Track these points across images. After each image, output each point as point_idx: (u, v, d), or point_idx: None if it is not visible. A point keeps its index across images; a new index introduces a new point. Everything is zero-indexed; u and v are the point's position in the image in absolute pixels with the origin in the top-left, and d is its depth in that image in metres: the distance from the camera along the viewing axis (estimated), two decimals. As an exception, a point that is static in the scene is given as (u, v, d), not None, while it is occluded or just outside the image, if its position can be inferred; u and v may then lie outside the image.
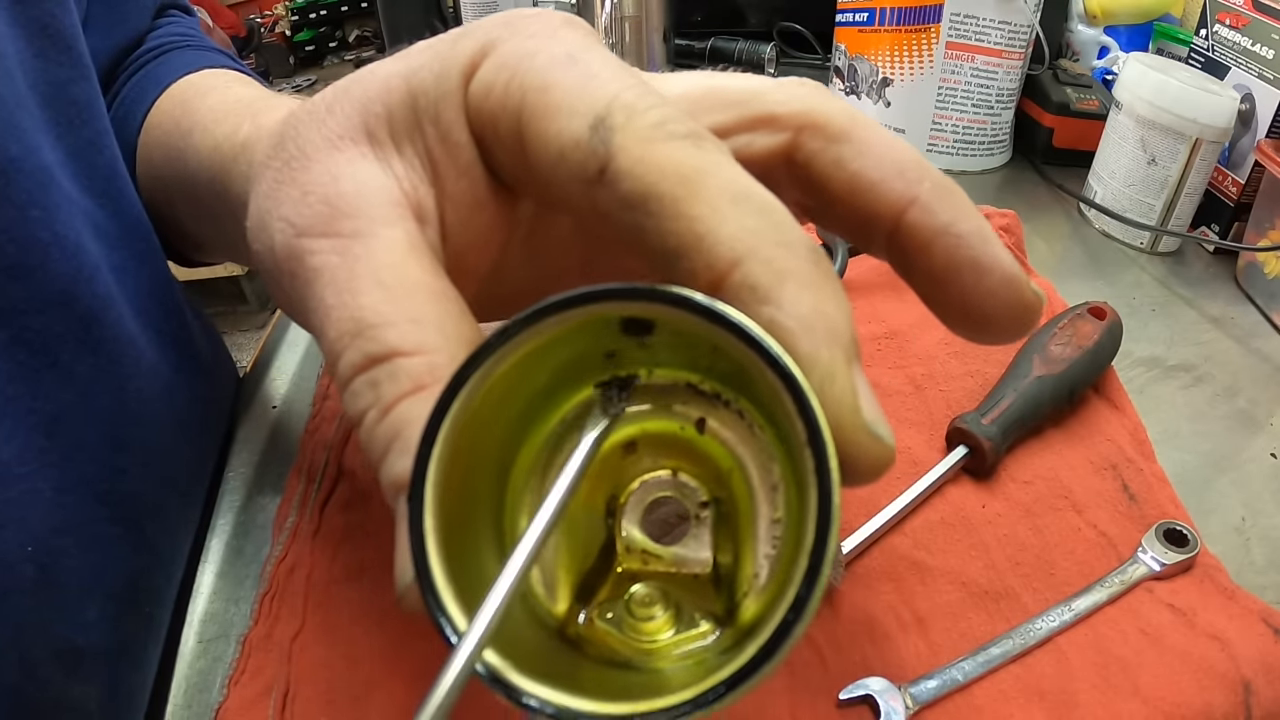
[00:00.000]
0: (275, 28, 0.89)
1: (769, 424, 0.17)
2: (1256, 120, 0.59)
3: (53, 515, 0.29)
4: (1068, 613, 0.33)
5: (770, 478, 0.17)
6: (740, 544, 0.17)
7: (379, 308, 0.18)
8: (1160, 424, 0.45)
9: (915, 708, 0.30)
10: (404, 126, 0.20)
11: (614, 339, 0.16)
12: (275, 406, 0.44)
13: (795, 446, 0.14)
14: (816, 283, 0.15)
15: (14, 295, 0.27)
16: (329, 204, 0.19)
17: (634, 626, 0.17)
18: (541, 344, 0.16)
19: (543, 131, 0.17)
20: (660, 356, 0.17)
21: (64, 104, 0.32)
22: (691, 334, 0.15)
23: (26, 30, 0.31)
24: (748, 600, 0.17)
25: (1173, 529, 0.36)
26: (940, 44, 0.68)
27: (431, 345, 0.18)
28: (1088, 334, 0.43)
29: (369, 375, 0.18)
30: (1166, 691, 0.31)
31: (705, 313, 0.14)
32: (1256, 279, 0.58)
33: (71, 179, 0.32)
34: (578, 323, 0.15)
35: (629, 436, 0.18)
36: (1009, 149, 0.75)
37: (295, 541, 0.36)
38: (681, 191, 0.15)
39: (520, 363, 0.16)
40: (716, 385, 0.17)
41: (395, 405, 0.17)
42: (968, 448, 0.39)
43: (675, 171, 0.15)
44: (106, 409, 0.31)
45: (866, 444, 0.14)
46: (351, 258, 0.19)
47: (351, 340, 0.18)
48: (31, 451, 0.28)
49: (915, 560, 0.36)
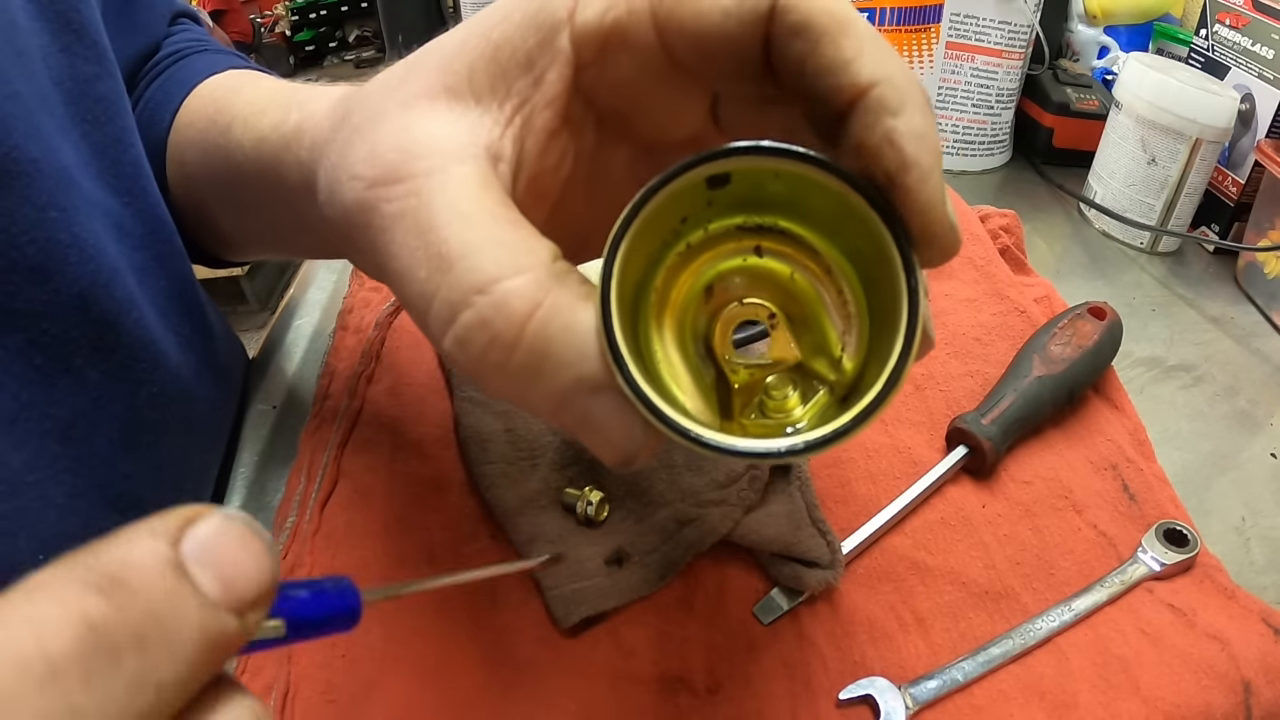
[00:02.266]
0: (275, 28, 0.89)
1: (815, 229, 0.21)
2: (1256, 120, 0.59)
3: (64, 522, 0.29)
4: (1068, 613, 0.33)
5: (824, 265, 0.21)
6: (819, 325, 0.22)
7: (464, 237, 0.18)
8: (1160, 424, 0.45)
9: (915, 708, 0.30)
10: (486, 78, 0.21)
11: (699, 196, 0.20)
12: (275, 406, 0.44)
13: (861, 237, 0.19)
14: (925, 110, 0.18)
15: (32, 298, 0.27)
16: (401, 151, 0.20)
17: (776, 408, 0.22)
18: (660, 202, 0.19)
19: (701, 4, 0.19)
20: (719, 212, 0.21)
21: (89, 101, 0.32)
22: (756, 177, 0.20)
23: (52, 25, 0.31)
24: (844, 362, 0.21)
25: (1173, 529, 0.36)
26: (940, 44, 0.68)
27: (527, 263, 0.18)
28: (1088, 334, 0.43)
29: (475, 313, 0.18)
30: (1166, 691, 0.31)
31: (786, 153, 0.19)
32: (1256, 279, 0.58)
33: (95, 178, 0.32)
34: (680, 185, 0.19)
35: (706, 281, 0.22)
36: (1009, 149, 0.75)
37: (295, 541, 0.36)
38: (838, 26, 0.18)
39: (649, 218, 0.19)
40: (762, 219, 0.21)
41: (524, 332, 0.18)
42: (968, 448, 0.39)
43: (832, 9, 0.19)
44: (119, 415, 0.31)
45: (947, 226, 0.19)
46: (428, 195, 0.19)
47: (442, 277, 0.18)
48: (45, 458, 0.28)
49: (915, 560, 0.36)
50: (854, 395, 0.19)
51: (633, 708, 0.30)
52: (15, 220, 0.26)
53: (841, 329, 0.21)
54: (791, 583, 0.33)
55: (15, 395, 0.27)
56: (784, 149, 0.19)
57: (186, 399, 0.35)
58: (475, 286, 0.18)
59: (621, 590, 0.33)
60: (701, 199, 0.20)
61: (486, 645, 0.32)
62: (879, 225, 0.19)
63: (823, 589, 0.33)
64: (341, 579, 0.18)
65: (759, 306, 0.22)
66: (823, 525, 0.35)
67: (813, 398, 0.22)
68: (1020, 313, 0.48)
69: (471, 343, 0.18)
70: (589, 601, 0.32)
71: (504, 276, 0.18)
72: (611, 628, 0.33)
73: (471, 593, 0.34)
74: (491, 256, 0.18)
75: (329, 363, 0.45)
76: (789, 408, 0.22)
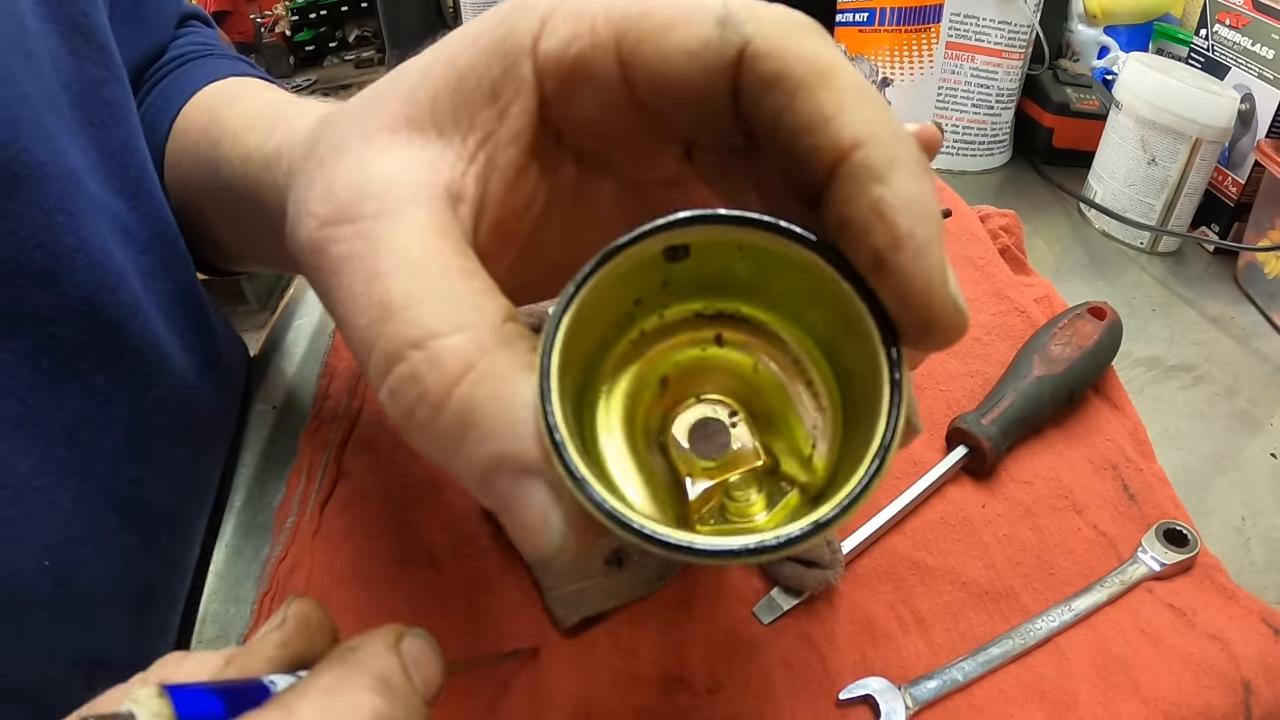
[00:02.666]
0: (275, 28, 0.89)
1: (783, 314, 0.20)
2: (1256, 120, 0.59)
3: (71, 526, 0.29)
4: (1068, 613, 0.33)
5: (791, 356, 0.20)
6: (786, 422, 0.20)
7: (407, 288, 0.17)
8: (1160, 424, 0.45)
9: (915, 708, 0.30)
10: (449, 109, 0.19)
11: (655, 272, 0.19)
12: (275, 407, 0.44)
13: (836, 318, 0.18)
14: (919, 173, 0.16)
15: (39, 302, 0.27)
16: (354, 189, 0.19)
17: (738, 511, 0.20)
18: (609, 277, 0.18)
19: (663, 44, 0.18)
20: (676, 295, 0.20)
21: (97, 104, 0.32)
22: (718, 251, 0.18)
23: (60, 28, 0.31)
24: (815, 460, 0.19)
25: (1173, 529, 0.36)
26: (940, 44, 0.68)
27: (470, 321, 0.17)
28: (1088, 334, 0.43)
29: (407, 367, 0.17)
30: (1166, 691, 0.31)
31: (747, 221, 0.17)
32: (1256, 279, 0.58)
33: (102, 182, 0.31)
34: (633, 258, 0.18)
35: (661, 373, 0.20)
36: (1009, 149, 0.75)
37: (295, 542, 0.36)
38: (815, 78, 0.17)
39: (597, 293, 0.18)
40: (723, 305, 0.20)
41: (451, 393, 0.16)
42: (968, 448, 0.39)
43: (811, 58, 0.17)
44: (126, 418, 0.31)
45: (951, 309, 0.16)
46: (375, 239, 0.18)
47: (380, 328, 0.17)
48: (51, 463, 0.28)
49: (915, 560, 0.36)
50: (826, 495, 0.17)
51: (633, 708, 0.30)
52: (23, 224, 0.26)
53: (811, 424, 0.20)
54: (791, 583, 0.34)
55: (22, 400, 0.27)
56: (745, 217, 0.17)
57: (192, 402, 0.35)
58: (411, 340, 0.17)
59: (621, 590, 0.33)
60: (657, 277, 0.19)
61: (486, 645, 0.32)
62: (859, 307, 0.17)
63: (823, 589, 0.33)
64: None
65: (719, 403, 0.20)
66: (823, 525, 0.35)
67: (780, 500, 0.20)
68: (1020, 313, 0.48)
69: (402, 396, 0.17)
70: (589, 601, 0.32)
71: (443, 332, 0.17)
72: (611, 628, 0.33)
73: (471, 593, 0.34)
74: (432, 309, 0.17)
75: (329, 363, 0.45)
76: (752, 513, 0.20)
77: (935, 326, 0.16)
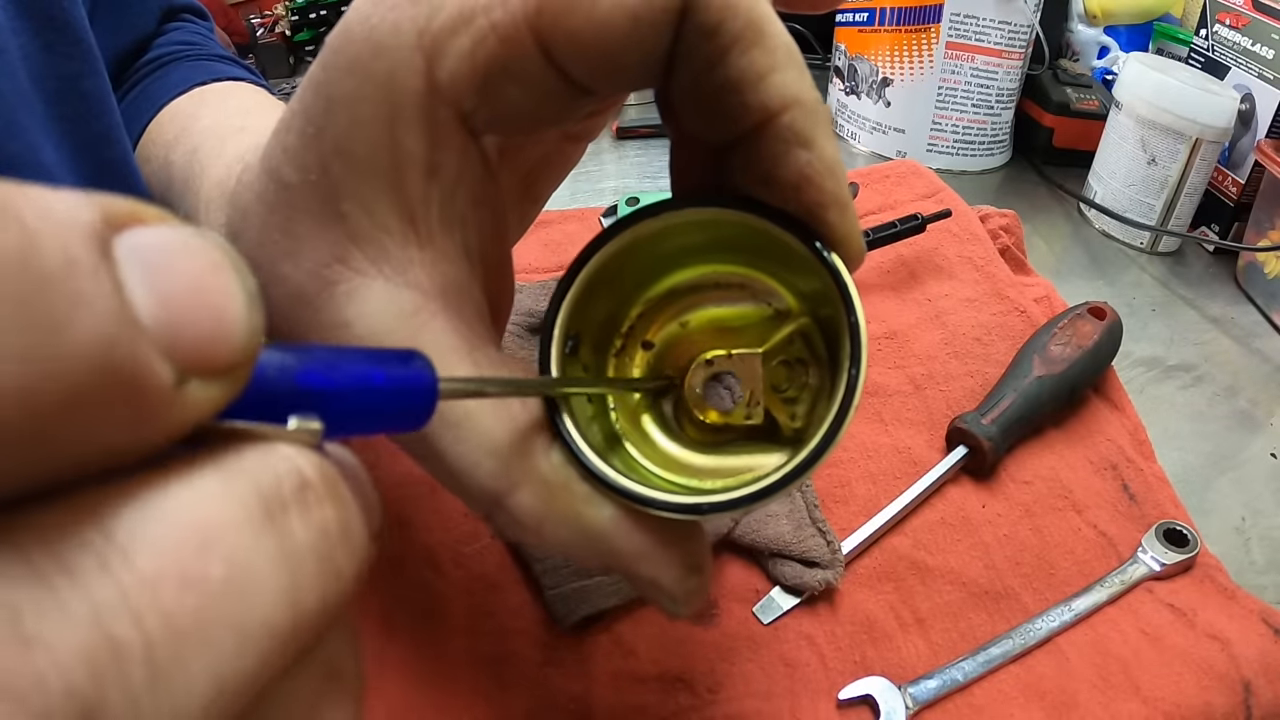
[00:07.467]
0: (275, 28, 0.88)
1: (764, 269, 0.22)
2: (1256, 120, 0.59)
3: None
4: (1068, 613, 0.33)
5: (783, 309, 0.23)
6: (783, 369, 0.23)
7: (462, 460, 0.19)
8: (1160, 424, 0.45)
9: (915, 708, 0.30)
10: (388, 208, 0.18)
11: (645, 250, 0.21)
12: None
13: (801, 273, 0.21)
14: (833, 136, 0.18)
15: None
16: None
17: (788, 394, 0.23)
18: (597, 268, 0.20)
19: (595, 13, 0.17)
20: (667, 266, 0.23)
21: (73, 99, 0.32)
22: (681, 229, 0.21)
23: (32, 24, 0.30)
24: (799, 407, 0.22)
25: (1173, 529, 0.36)
26: (940, 44, 0.68)
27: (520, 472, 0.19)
28: (1088, 334, 0.43)
29: (503, 518, 0.19)
30: (1166, 691, 0.31)
31: (732, 202, 0.19)
32: (1256, 279, 0.58)
33: (77, 177, 0.31)
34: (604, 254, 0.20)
35: (670, 337, 0.23)
36: (1009, 149, 0.75)
37: (295, 541, 0.36)
38: (750, 34, 0.17)
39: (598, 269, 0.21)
40: (713, 269, 0.23)
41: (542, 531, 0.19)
42: (968, 448, 0.39)
43: (746, 14, 0.17)
44: None
45: (861, 248, 0.19)
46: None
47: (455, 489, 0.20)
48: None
49: (915, 560, 0.36)
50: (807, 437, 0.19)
51: (633, 708, 0.30)
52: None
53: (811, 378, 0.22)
54: (791, 583, 0.33)
55: None
56: (701, 198, 0.20)
57: None
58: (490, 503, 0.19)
59: (621, 590, 0.33)
60: (647, 255, 0.21)
61: (486, 645, 0.32)
62: (812, 261, 0.19)
63: (823, 589, 0.33)
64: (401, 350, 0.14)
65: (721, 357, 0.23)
66: (823, 525, 0.35)
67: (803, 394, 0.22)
68: (1020, 313, 0.48)
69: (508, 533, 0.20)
70: (589, 601, 0.32)
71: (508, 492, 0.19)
72: (611, 628, 0.33)
73: (471, 593, 0.34)
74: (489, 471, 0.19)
75: (329, 363, 0.45)
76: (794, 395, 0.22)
77: (852, 262, 0.19)
